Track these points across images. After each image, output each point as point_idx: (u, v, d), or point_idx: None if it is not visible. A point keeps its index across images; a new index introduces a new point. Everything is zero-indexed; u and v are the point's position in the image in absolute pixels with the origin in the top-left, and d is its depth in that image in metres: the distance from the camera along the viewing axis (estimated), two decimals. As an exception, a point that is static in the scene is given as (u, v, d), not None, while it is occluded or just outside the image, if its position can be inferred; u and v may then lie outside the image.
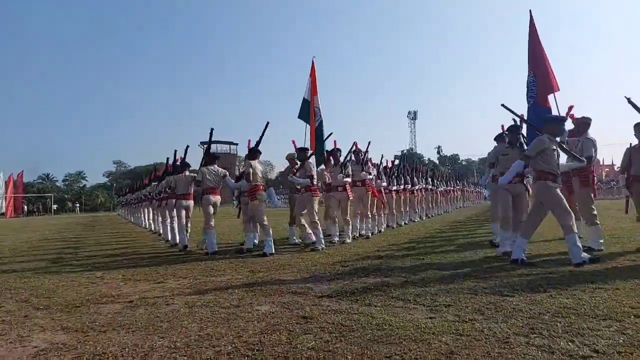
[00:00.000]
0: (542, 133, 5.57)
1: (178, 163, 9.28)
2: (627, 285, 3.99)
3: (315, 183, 7.65)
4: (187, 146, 9.38)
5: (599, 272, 4.67)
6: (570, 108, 6.17)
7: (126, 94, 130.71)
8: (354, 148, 9.08)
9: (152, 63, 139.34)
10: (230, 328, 3.14)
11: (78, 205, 58.47)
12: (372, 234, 9.55)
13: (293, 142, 8.42)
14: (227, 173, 8.14)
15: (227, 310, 3.62)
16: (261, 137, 7.47)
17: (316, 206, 7.77)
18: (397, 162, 12.53)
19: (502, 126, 7.04)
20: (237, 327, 3.15)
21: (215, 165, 8.02)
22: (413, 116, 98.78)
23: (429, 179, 15.76)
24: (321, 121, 9.58)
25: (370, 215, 9.45)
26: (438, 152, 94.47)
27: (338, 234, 8.88)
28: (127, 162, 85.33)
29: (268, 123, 7.51)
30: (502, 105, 6.57)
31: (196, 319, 3.39)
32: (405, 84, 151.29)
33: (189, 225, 9.04)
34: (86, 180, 77.83)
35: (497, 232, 6.88)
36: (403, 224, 12.23)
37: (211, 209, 7.69)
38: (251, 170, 7.15)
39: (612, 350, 2.45)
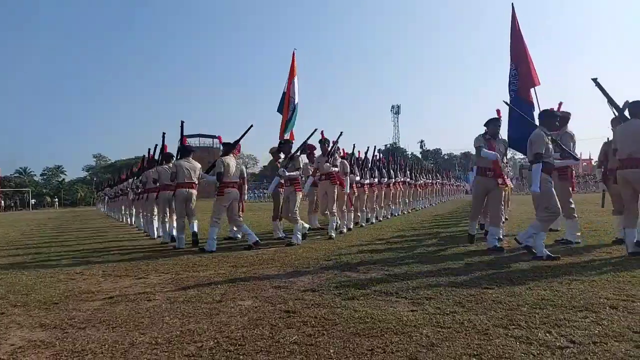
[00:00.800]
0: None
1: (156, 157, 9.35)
2: (603, 277, 4.09)
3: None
4: (156, 145, 9.45)
5: (576, 264, 4.78)
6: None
7: (108, 85, 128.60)
8: (319, 137, 8.44)
9: (137, 55, 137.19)
10: (213, 323, 3.12)
11: (57, 199, 57.35)
12: (343, 230, 8.99)
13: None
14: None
15: (209, 306, 3.59)
16: (241, 137, 7.49)
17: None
18: (370, 153, 11.09)
19: (498, 111, 6.85)
20: (219, 322, 3.13)
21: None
22: (396, 110, 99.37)
23: (408, 172, 15.00)
24: (294, 109, 9.52)
25: (341, 210, 8.91)
26: (421, 147, 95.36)
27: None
28: (108, 155, 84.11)
29: (251, 125, 7.59)
30: (498, 108, 6.62)
31: (178, 315, 3.36)
32: (390, 79, 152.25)
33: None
34: (65, 174, 76.46)
35: (474, 229, 6.68)
36: (382, 218, 11.89)
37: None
38: (223, 168, 7.04)
39: (588, 341, 2.51)
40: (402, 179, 13.95)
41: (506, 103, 6.90)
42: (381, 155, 12.74)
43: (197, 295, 3.98)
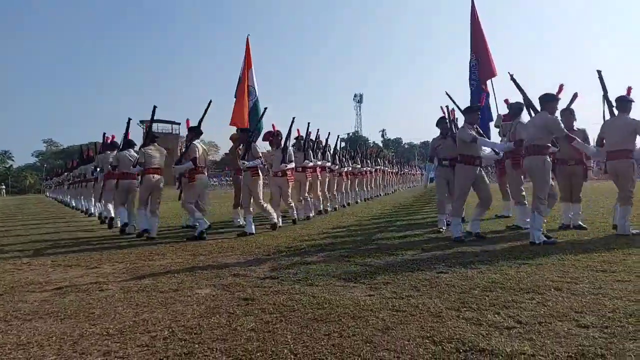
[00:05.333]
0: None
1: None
2: (549, 260, 4.30)
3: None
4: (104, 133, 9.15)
5: (525, 248, 5.00)
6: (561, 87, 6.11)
7: (60, 66, 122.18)
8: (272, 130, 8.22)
9: (90, 35, 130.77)
10: (168, 312, 3.05)
11: (4, 187, 54.39)
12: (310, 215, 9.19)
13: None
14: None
15: (165, 295, 3.51)
16: (203, 116, 7.22)
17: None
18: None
19: (442, 107, 7.16)
20: (175, 312, 3.07)
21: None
22: (359, 99, 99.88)
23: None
24: (257, 100, 9.37)
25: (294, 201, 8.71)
26: (382, 136, 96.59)
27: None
28: (59, 141, 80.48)
29: (211, 101, 7.29)
30: (446, 93, 6.84)
31: (131, 305, 3.27)
32: (353, 68, 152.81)
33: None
34: (13, 160, 72.51)
35: (442, 222, 6.80)
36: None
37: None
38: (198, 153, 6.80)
39: (533, 321, 2.64)
40: (319, 164, 10.00)
41: (448, 94, 6.99)
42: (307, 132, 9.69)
43: (152, 284, 3.88)
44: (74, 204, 15.86)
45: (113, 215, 8.83)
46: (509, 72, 6.08)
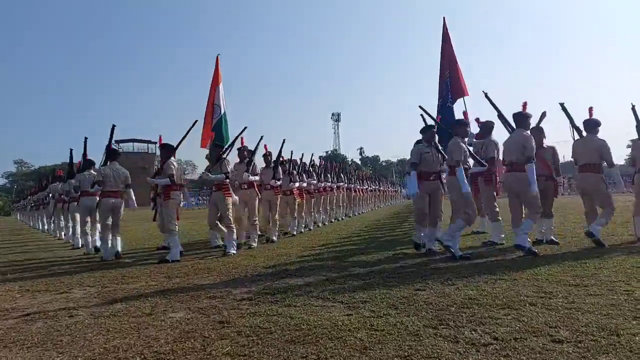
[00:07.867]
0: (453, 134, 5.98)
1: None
2: (524, 275, 4.37)
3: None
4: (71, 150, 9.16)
5: (500, 264, 5.07)
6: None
7: (30, 85, 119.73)
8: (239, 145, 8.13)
9: (60, 54, 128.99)
10: (140, 338, 2.96)
11: (-30, 209, 52.34)
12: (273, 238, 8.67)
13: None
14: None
15: (137, 320, 3.41)
16: (186, 134, 7.30)
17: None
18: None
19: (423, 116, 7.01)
20: (147, 337, 2.97)
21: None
22: (337, 118, 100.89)
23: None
24: (221, 117, 9.36)
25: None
26: (360, 154, 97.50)
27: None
28: (30, 161, 78.48)
29: (196, 121, 7.51)
30: (420, 107, 6.91)
31: (102, 331, 3.16)
32: (331, 87, 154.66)
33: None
34: (-20, 182, 70.18)
35: (419, 233, 6.46)
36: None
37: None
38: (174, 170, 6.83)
39: (509, 337, 2.66)
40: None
41: (422, 108, 6.99)
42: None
43: (124, 309, 3.76)
44: (39, 227, 16.86)
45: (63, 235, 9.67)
46: (483, 91, 6.33)
